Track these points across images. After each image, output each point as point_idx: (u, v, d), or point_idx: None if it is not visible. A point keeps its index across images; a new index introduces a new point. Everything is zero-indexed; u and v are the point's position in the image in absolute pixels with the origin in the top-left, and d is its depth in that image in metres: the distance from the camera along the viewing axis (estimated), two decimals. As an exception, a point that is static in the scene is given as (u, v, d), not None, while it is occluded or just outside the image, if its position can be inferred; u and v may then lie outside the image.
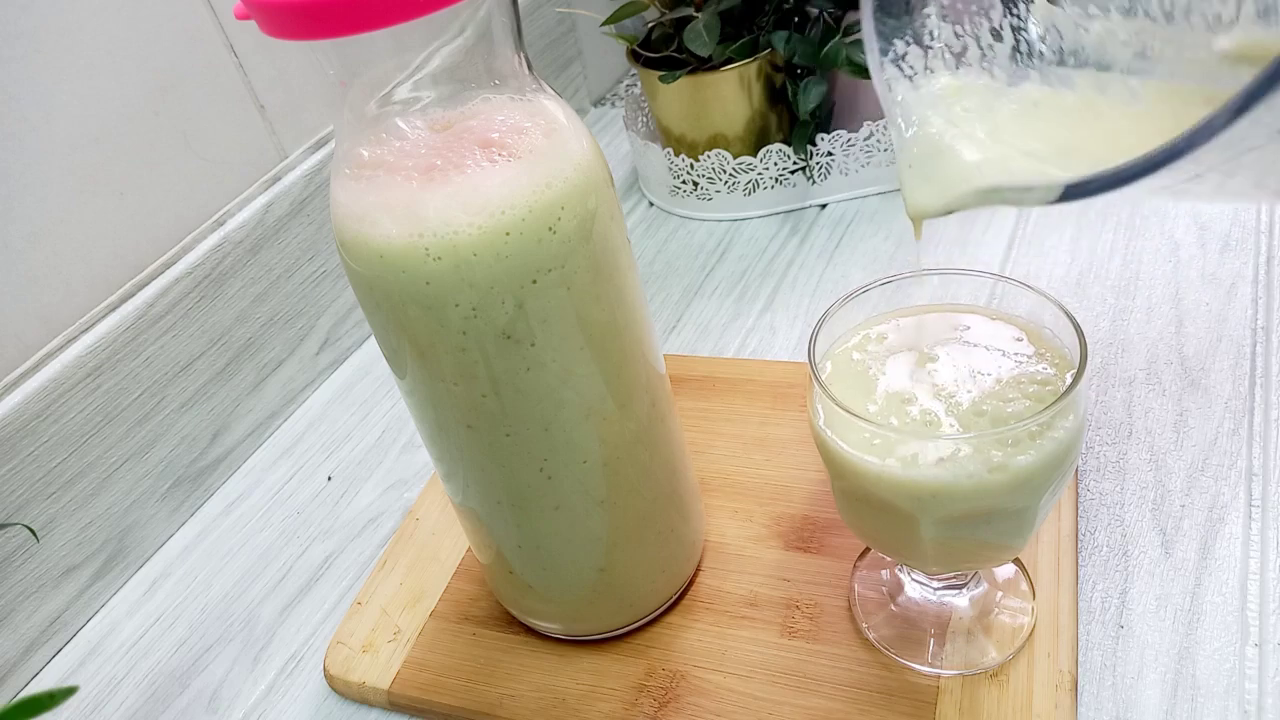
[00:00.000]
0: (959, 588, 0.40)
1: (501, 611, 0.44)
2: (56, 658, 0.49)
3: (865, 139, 0.67)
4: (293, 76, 0.59)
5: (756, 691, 0.39)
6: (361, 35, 0.27)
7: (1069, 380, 0.32)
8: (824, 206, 0.70)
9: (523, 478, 0.35)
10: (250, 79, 0.57)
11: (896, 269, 0.60)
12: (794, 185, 0.69)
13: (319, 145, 0.62)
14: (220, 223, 0.56)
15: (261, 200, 0.58)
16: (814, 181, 0.69)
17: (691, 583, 0.44)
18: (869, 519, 0.36)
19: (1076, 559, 0.41)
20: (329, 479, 0.56)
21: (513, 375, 0.32)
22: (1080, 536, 0.43)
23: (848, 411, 0.32)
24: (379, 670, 0.43)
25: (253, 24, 0.28)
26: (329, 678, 0.44)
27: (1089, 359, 0.32)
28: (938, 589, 0.40)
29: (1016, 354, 0.35)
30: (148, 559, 0.54)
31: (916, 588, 0.41)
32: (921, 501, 0.32)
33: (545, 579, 0.40)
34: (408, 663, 0.43)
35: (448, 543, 0.49)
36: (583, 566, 0.39)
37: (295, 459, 0.58)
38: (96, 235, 0.50)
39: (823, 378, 0.35)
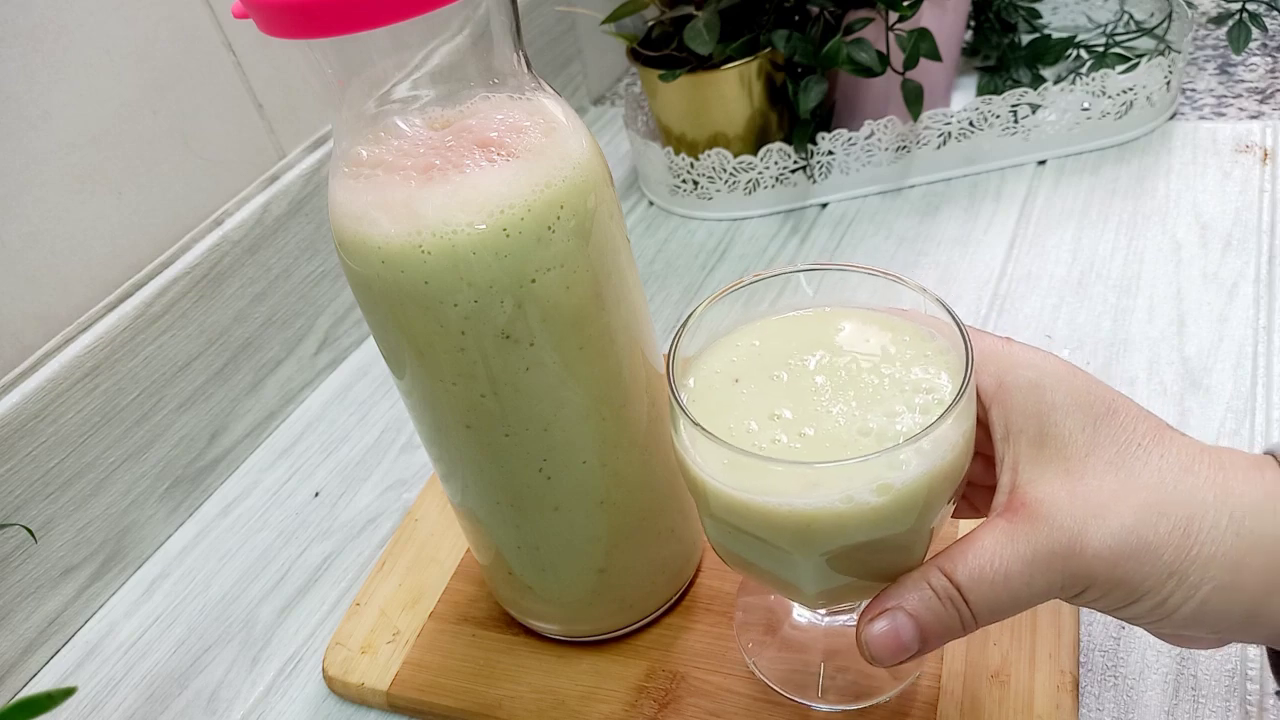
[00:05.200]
0: (850, 611, 0.38)
1: (501, 612, 0.44)
2: (55, 658, 0.49)
3: (866, 138, 0.66)
4: (291, 75, 0.59)
5: (756, 693, 0.39)
6: (360, 34, 0.27)
7: (961, 386, 0.28)
8: (824, 206, 0.69)
9: (522, 478, 0.35)
10: (249, 78, 0.57)
11: (898, 269, 0.60)
12: (794, 184, 0.68)
13: (317, 144, 0.62)
14: (218, 222, 0.56)
15: (260, 200, 0.58)
16: (814, 180, 0.68)
17: (691, 584, 0.44)
18: (744, 553, 0.32)
19: (1078, 559, 0.41)
20: (316, 495, 0.55)
21: (512, 375, 0.32)
22: (1081, 537, 0.42)
23: (711, 436, 0.29)
24: (378, 671, 0.43)
25: (251, 23, 0.28)
26: (328, 679, 0.44)
27: (973, 364, 0.29)
28: (825, 615, 0.38)
29: (901, 359, 0.32)
30: (146, 559, 0.54)
31: (806, 613, 0.39)
32: (800, 535, 0.29)
33: (544, 580, 0.40)
34: (406, 664, 0.43)
35: (447, 543, 0.48)
36: (582, 567, 0.39)
37: (294, 459, 0.58)
38: (94, 235, 0.50)
39: (682, 397, 0.31)
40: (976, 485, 0.33)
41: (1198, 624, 0.28)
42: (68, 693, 0.25)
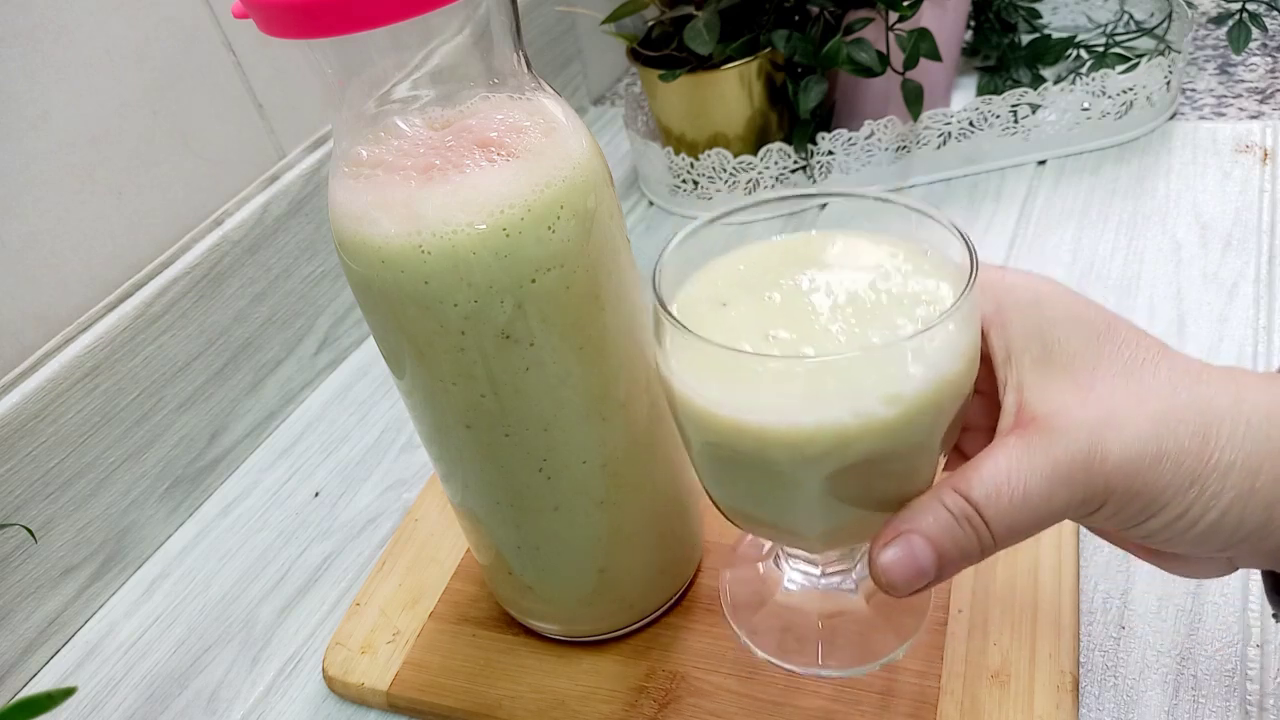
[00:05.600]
0: (846, 572, 0.37)
1: (501, 612, 0.44)
2: (55, 658, 0.49)
3: (866, 138, 0.66)
4: (291, 75, 0.59)
5: (756, 693, 0.39)
6: (360, 34, 0.27)
7: (965, 287, 0.27)
8: (824, 206, 0.69)
9: (522, 478, 0.35)
10: (248, 78, 0.57)
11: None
12: (794, 184, 0.68)
13: (317, 144, 0.62)
14: (218, 222, 0.56)
15: (260, 200, 0.58)
16: (814, 180, 0.68)
17: (691, 583, 0.43)
18: (741, 490, 0.31)
19: (1078, 559, 0.41)
20: (316, 495, 0.55)
21: (512, 375, 0.32)
22: (1082, 536, 0.42)
23: (703, 339, 0.27)
24: (378, 671, 0.43)
25: (251, 23, 0.28)
26: (328, 679, 0.44)
27: (977, 266, 0.28)
28: (822, 576, 0.37)
29: (899, 271, 0.30)
30: (146, 559, 0.54)
31: (798, 577, 0.37)
32: (803, 453, 0.27)
33: (544, 580, 0.40)
34: (406, 664, 0.43)
35: (447, 543, 0.48)
36: (582, 567, 0.39)
37: (294, 459, 0.58)
38: (94, 235, 0.50)
39: (672, 308, 0.29)
40: (973, 428, 0.32)
41: (1214, 537, 0.27)
42: (68, 693, 0.25)
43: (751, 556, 0.41)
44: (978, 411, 0.31)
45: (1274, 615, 0.32)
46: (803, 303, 0.30)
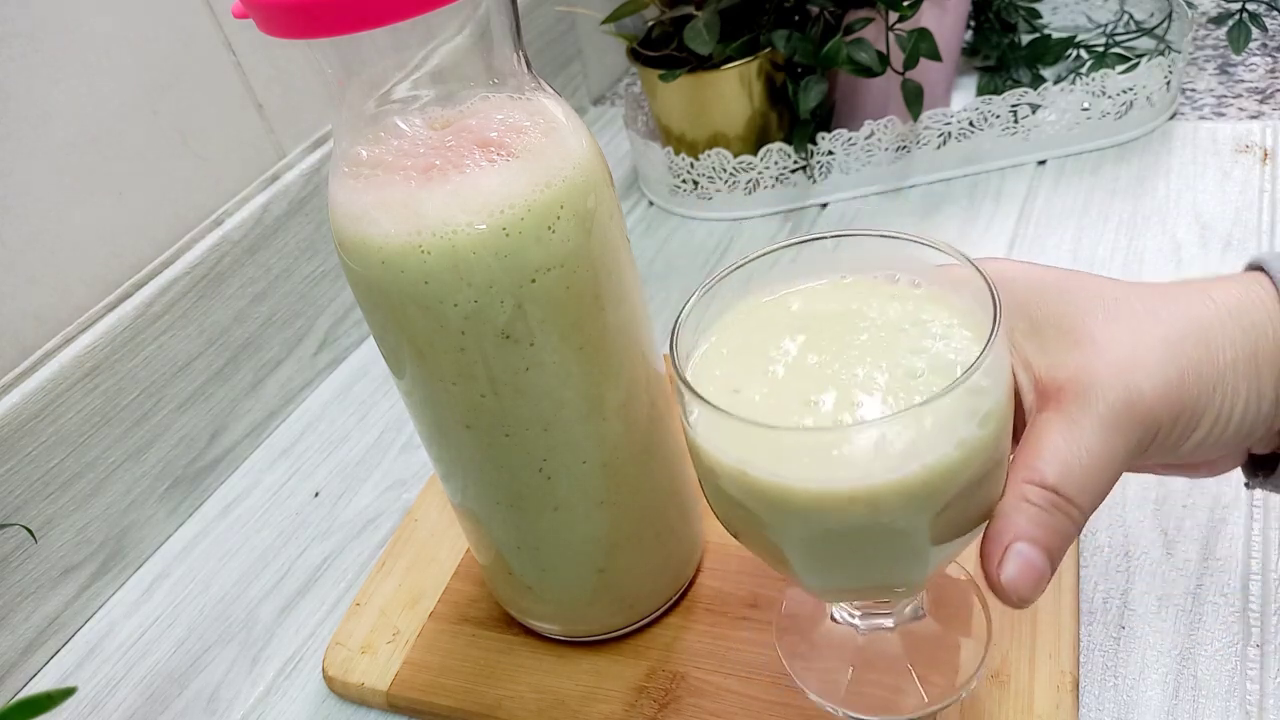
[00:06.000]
0: (887, 614, 0.36)
1: (500, 612, 0.44)
2: (55, 658, 0.49)
3: (866, 138, 0.66)
4: (291, 75, 0.59)
5: (757, 693, 0.39)
6: (360, 34, 0.27)
7: (989, 299, 0.27)
8: (824, 206, 0.69)
9: (522, 478, 0.35)
10: (248, 78, 0.57)
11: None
12: (794, 184, 0.68)
13: (317, 144, 0.62)
14: (218, 222, 0.56)
15: (260, 200, 0.58)
16: (814, 180, 0.68)
17: (692, 584, 0.43)
18: (844, 562, 0.30)
19: (1078, 560, 0.41)
20: (316, 495, 0.55)
21: (512, 375, 0.32)
22: (1082, 537, 0.42)
23: (750, 421, 0.26)
24: (378, 671, 0.43)
25: (251, 23, 0.28)
26: (328, 679, 0.44)
27: (995, 285, 0.28)
28: (862, 617, 0.37)
29: (893, 312, 0.31)
30: (146, 559, 0.54)
31: (842, 615, 0.37)
32: (914, 499, 0.27)
33: (544, 580, 0.40)
34: (406, 664, 0.43)
35: (446, 543, 0.48)
36: (582, 567, 0.39)
37: (294, 459, 0.58)
38: (94, 235, 0.50)
39: (689, 376, 0.29)
40: None
41: (1244, 430, 0.29)
42: (68, 693, 0.25)
43: None
44: None
45: (1245, 484, 0.34)
46: (842, 357, 0.30)
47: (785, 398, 0.29)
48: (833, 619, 0.38)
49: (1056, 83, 0.65)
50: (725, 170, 0.68)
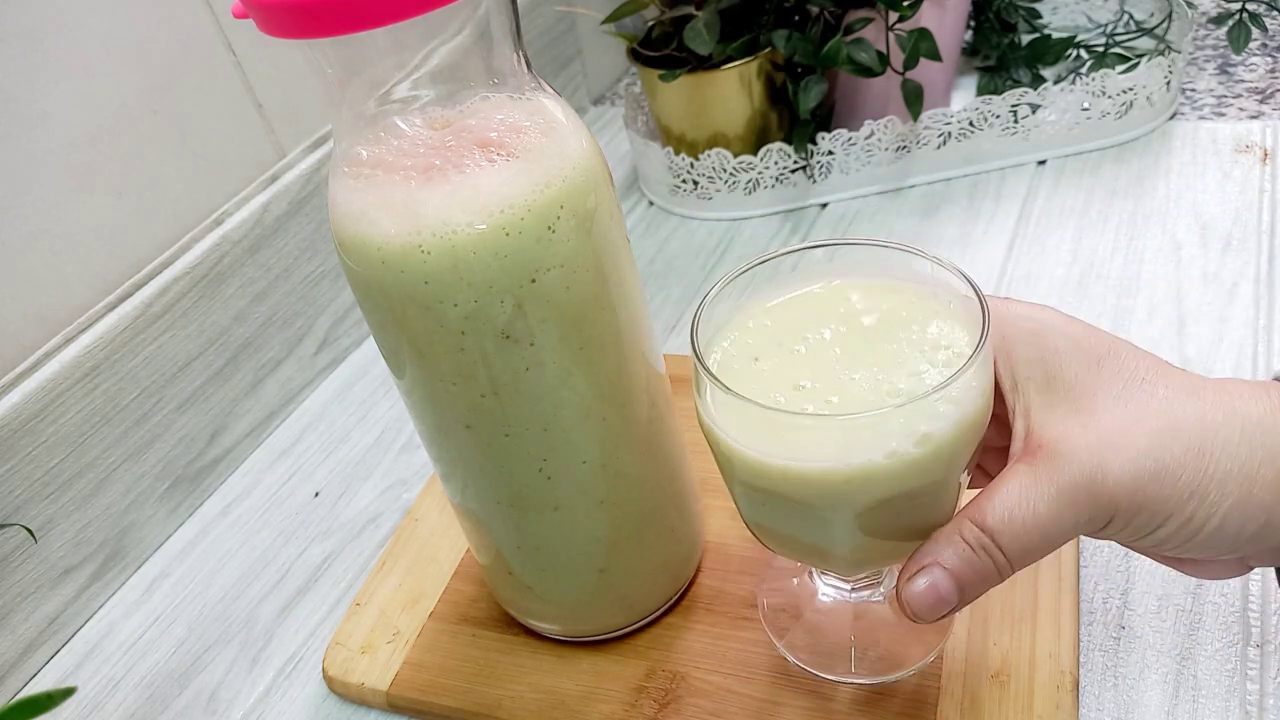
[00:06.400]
0: (875, 585, 0.39)
1: (501, 612, 0.44)
2: (55, 658, 0.49)
3: (866, 138, 0.66)
4: (291, 75, 0.59)
5: (757, 693, 0.39)
6: (360, 34, 0.27)
7: (979, 338, 0.29)
8: (824, 206, 0.69)
9: (522, 478, 0.35)
10: (248, 78, 0.57)
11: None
12: (794, 184, 0.68)
13: (317, 144, 0.62)
14: (218, 222, 0.56)
15: (260, 200, 0.58)
16: (814, 180, 0.68)
17: (691, 583, 0.43)
18: (777, 522, 0.33)
19: (1078, 560, 0.41)
20: (316, 495, 0.55)
21: (512, 375, 0.32)
22: (1082, 537, 0.42)
23: (747, 400, 0.29)
24: (378, 671, 0.43)
25: (251, 23, 0.28)
26: (328, 679, 0.44)
27: (989, 313, 0.30)
28: (853, 591, 0.39)
29: (915, 321, 0.33)
30: (146, 559, 0.54)
31: (830, 592, 0.39)
32: (838, 493, 0.29)
33: (544, 580, 0.40)
34: (406, 664, 0.43)
35: (446, 543, 0.48)
36: (582, 567, 0.39)
37: (294, 459, 0.58)
38: (94, 235, 0.50)
39: (711, 366, 0.32)
40: (989, 449, 0.34)
41: (1219, 542, 0.29)
42: (68, 693, 0.25)
43: (787, 570, 0.42)
44: (992, 434, 0.33)
45: None
46: (828, 354, 0.32)
47: (779, 378, 0.32)
48: (820, 601, 0.40)
49: (1056, 83, 0.65)
50: (725, 170, 0.68)
